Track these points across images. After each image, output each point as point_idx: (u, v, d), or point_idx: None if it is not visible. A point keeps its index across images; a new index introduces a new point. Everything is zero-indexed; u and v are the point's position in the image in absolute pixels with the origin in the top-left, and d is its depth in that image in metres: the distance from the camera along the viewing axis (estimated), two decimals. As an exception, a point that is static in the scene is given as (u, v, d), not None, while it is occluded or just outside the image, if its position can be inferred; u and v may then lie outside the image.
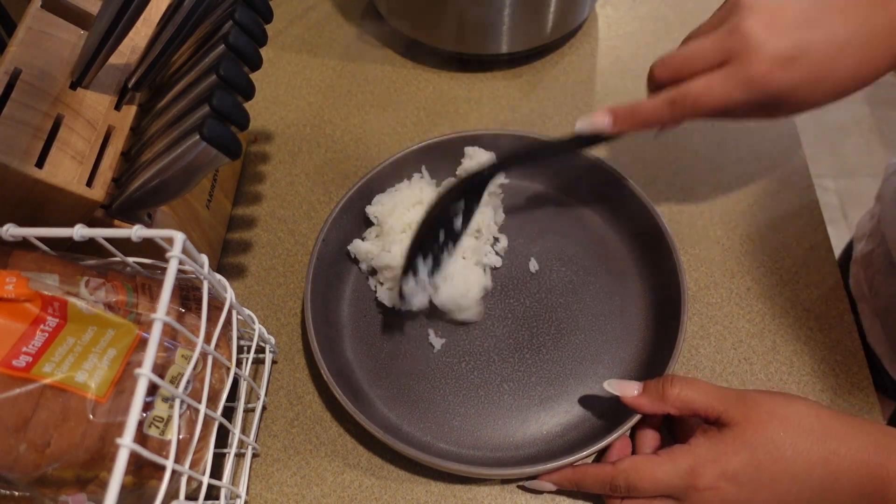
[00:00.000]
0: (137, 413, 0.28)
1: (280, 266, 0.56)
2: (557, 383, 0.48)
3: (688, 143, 0.61)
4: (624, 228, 0.54)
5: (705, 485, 0.38)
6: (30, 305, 0.33)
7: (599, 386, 0.47)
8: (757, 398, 0.39)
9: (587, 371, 0.49)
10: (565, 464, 0.42)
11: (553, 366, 0.49)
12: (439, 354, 0.50)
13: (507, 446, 0.46)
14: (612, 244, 0.54)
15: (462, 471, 0.43)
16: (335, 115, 0.65)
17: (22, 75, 0.39)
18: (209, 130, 0.37)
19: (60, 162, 0.38)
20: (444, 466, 0.43)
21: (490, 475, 0.44)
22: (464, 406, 0.48)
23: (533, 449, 0.46)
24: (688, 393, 0.40)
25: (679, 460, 0.39)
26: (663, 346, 0.47)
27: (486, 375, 0.49)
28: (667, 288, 0.49)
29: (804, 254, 0.54)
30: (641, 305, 0.51)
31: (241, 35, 0.41)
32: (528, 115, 0.64)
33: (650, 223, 0.51)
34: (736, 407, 0.39)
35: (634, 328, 0.50)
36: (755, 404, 0.39)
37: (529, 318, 0.51)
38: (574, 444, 0.45)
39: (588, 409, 0.47)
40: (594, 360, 0.49)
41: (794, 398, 0.39)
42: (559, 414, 0.47)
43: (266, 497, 0.45)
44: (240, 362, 0.49)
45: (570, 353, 0.49)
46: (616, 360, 0.49)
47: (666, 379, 0.41)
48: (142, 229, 0.33)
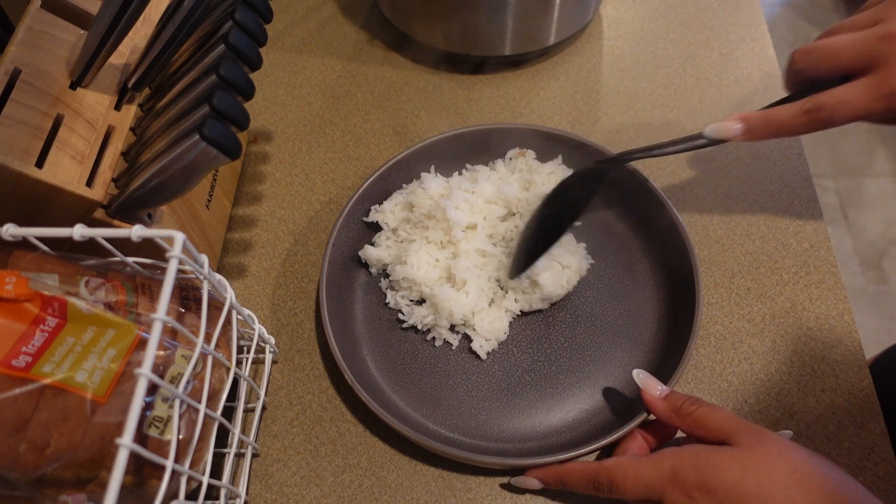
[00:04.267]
0: (137, 413, 0.28)
1: (280, 266, 0.56)
2: (578, 370, 0.49)
3: (688, 143, 0.61)
4: (638, 222, 0.55)
5: (681, 490, 0.36)
6: (29, 305, 0.32)
7: (620, 369, 0.48)
8: (776, 438, 0.36)
9: (607, 356, 0.49)
10: (598, 447, 0.42)
11: (573, 353, 0.49)
12: (458, 350, 0.50)
13: (535, 436, 0.46)
14: (624, 236, 0.55)
15: (497, 463, 0.43)
16: (335, 115, 0.65)
17: (22, 75, 0.38)
18: (209, 130, 0.37)
19: (60, 162, 0.38)
20: (480, 461, 0.43)
21: (523, 465, 0.44)
22: (488, 400, 0.48)
23: (561, 437, 0.46)
24: (703, 412, 0.39)
25: (664, 461, 0.37)
26: (679, 325, 0.48)
27: (507, 367, 0.49)
28: (679, 277, 0.50)
29: (804, 254, 0.54)
30: (656, 290, 0.52)
31: (241, 35, 0.41)
32: (529, 116, 0.64)
33: (664, 217, 0.51)
34: (748, 435, 0.36)
35: (649, 311, 0.51)
36: (769, 441, 0.36)
37: (546, 309, 0.51)
38: (602, 427, 0.45)
39: (612, 393, 0.48)
40: (613, 343, 0.50)
41: (819, 457, 0.36)
42: (583, 400, 0.48)
43: (266, 497, 0.45)
44: (240, 362, 0.49)
45: (588, 341, 0.50)
46: (635, 343, 0.50)
47: (691, 399, 0.40)
48: (142, 229, 0.33)
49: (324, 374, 0.50)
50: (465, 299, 0.49)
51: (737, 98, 0.64)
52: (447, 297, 0.49)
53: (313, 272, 0.55)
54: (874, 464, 0.45)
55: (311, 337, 0.52)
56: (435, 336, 0.50)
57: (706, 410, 0.39)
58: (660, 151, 0.49)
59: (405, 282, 0.51)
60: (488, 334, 0.49)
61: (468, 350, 0.50)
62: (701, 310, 0.47)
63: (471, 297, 0.49)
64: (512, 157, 0.57)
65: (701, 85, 0.65)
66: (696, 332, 0.46)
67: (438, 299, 0.49)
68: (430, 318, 0.50)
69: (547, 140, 0.56)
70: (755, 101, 0.64)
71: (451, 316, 0.49)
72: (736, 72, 0.66)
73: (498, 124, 0.57)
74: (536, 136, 0.57)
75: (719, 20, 0.70)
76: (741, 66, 0.66)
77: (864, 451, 0.45)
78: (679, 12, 0.71)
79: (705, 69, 0.66)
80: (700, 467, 0.36)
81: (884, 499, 0.43)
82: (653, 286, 0.52)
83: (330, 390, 0.50)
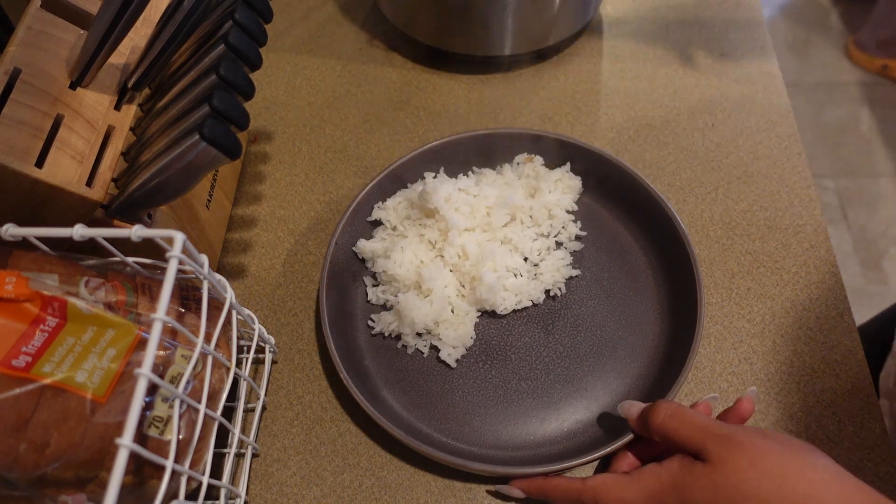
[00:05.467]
0: (137, 413, 0.28)
1: (280, 266, 0.56)
2: (576, 380, 0.48)
3: (688, 143, 0.61)
4: (637, 226, 0.54)
5: None
6: (29, 305, 0.32)
7: (618, 381, 0.48)
8: (745, 441, 0.35)
9: (605, 366, 0.49)
10: (591, 459, 0.42)
11: (571, 362, 0.49)
12: None
13: (529, 444, 0.46)
14: (626, 242, 0.54)
15: (488, 471, 0.43)
16: (335, 115, 0.65)
17: (22, 75, 0.38)
18: (209, 130, 0.37)
19: (60, 162, 0.38)
20: (471, 468, 0.43)
21: (515, 474, 0.44)
22: (483, 406, 0.48)
23: (555, 447, 0.46)
24: (670, 422, 0.38)
25: (647, 483, 0.38)
26: (680, 339, 0.47)
27: (504, 374, 0.49)
28: (681, 282, 0.49)
29: (804, 254, 0.54)
30: (656, 300, 0.51)
31: (241, 35, 0.41)
32: (529, 116, 0.64)
33: (665, 224, 0.51)
34: (717, 445, 0.36)
35: (649, 323, 0.50)
36: (738, 448, 0.35)
37: (544, 316, 0.51)
38: (597, 440, 0.45)
39: (609, 405, 0.47)
40: (612, 354, 0.49)
41: (793, 449, 0.35)
42: (579, 411, 0.47)
43: (266, 497, 0.45)
44: (240, 362, 0.49)
45: (586, 350, 0.49)
46: (633, 355, 0.49)
47: (652, 406, 0.40)
48: (142, 229, 0.33)
49: (323, 375, 0.50)
50: (428, 308, 0.49)
51: (737, 98, 0.64)
52: (411, 306, 0.48)
53: (313, 272, 0.55)
54: (874, 464, 0.45)
55: (311, 337, 0.52)
56: (405, 344, 0.50)
57: (671, 421, 0.38)
58: None
59: (385, 276, 0.51)
60: (455, 342, 0.49)
61: (473, 356, 0.50)
62: (703, 314, 0.47)
63: (434, 306, 0.49)
64: (520, 161, 0.57)
65: (701, 85, 0.65)
66: (698, 337, 0.45)
67: (402, 307, 0.49)
68: (394, 325, 0.50)
69: (556, 146, 0.56)
70: (755, 101, 0.64)
71: (414, 324, 0.48)
72: (736, 72, 0.66)
73: (507, 129, 0.57)
74: (545, 142, 0.56)
75: (719, 20, 0.70)
76: (741, 66, 0.66)
77: (864, 451, 0.45)
78: (679, 12, 0.71)
79: (705, 69, 0.66)
80: (678, 489, 0.36)
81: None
82: (653, 290, 0.52)
83: (330, 390, 0.50)
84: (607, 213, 0.56)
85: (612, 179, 0.55)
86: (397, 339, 0.50)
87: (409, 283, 0.50)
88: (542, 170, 0.56)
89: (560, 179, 0.55)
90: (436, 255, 0.52)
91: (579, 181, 0.56)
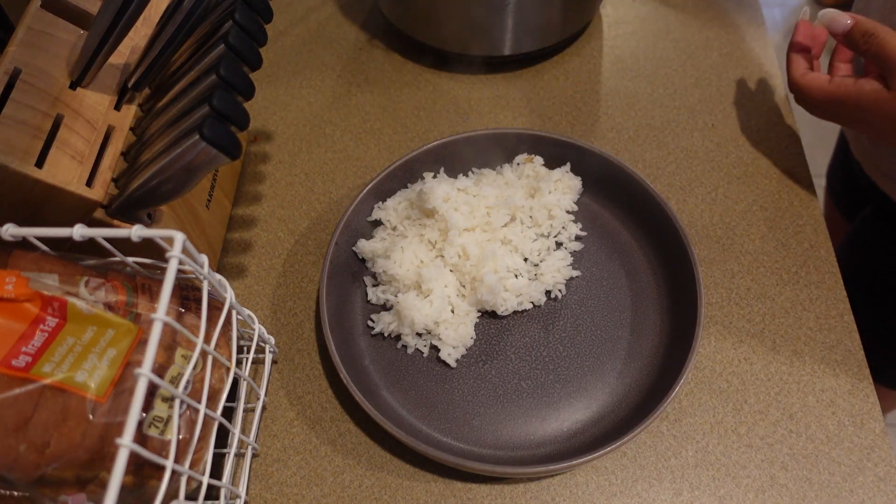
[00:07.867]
0: (137, 413, 0.28)
1: (280, 266, 0.56)
2: (576, 380, 0.48)
3: (688, 142, 0.61)
4: (637, 226, 0.54)
5: None
6: (29, 305, 0.32)
7: (618, 381, 0.48)
8: None
9: (605, 366, 0.49)
10: (591, 459, 0.42)
11: (571, 362, 0.49)
12: None
13: (529, 444, 0.46)
14: (626, 242, 0.54)
15: (487, 471, 0.43)
16: (335, 115, 0.65)
17: (22, 75, 0.38)
18: (209, 130, 0.37)
19: (60, 162, 0.38)
20: (470, 467, 0.43)
21: (515, 474, 0.44)
22: (483, 406, 0.48)
23: (555, 447, 0.46)
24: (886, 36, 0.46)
25: (840, 85, 0.49)
26: (680, 339, 0.47)
27: (505, 375, 0.49)
28: (680, 282, 0.49)
29: (804, 254, 0.54)
30: (656, 300, 0.51)
31: (241, 35, 0.41)
32: (529, 116, 0.64)
33: (665, 224, 0.51)
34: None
35: (649, 323, 0.50)
36: None
37: (544, 316, 0.51)
38: (597, 440, 0.45)
39: (609, 405, 0.47)
40: (612, 354, 0.49)
41: None
42: (579, 411, 0.47)
43: (266, 497, 0.45)
44: (240, 362, 0.49)
45: (586, 350, 0.49)
46: (633, 355, 0.49)
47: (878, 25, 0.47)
48: (141, 229, 0.33)
49: (323, 375, 0.50)
50: (428, 308, 0.49)
51: (737, 98, 0.64)
52: (410, 306, 0.48)
53: (313, 272, 0.55)
54: (874, 464, 0.45)
55: (311, 337, 0.52)
56: (405, 344, 0.50)
57: (888, 35, 0.46)
58: None
59: (385, 276, 0.51)
60: (455, 342, 0.49)
61: (473, 355, 0.50)
62: (703, 314, 0.47)
63: (434, 306, 0.49)
64: (520, 162, 0.57)
65: (701, 85, 0.65)
66: (698, 337, 0.45)
67: (402, 307, 0.49)
68: (394, 325, 0.50)
69: (556, 147, 0.56)
70: (755, 101, 0.64)
71: (414, 324, 0.48)
72: (736, 72, 0.66)
73: (507, 129, 0.57)
74: (545, 142, 0.56)
75: (719, 20, 0.70)
76: (741, 66, 0.66)
77: (864, 451, 0.45)
78: (679, 12, 0.71)
79: (705, 69, 0.66)
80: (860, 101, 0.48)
81: (884, 499, 0.43)
82: (653, 290, 0.52)
83: (330, 390, 0.50)
84: (607, 213, 0.56)
85: (612, 179, 0.55)
86: (397, 339, 0.50)
87: (409, 283, 0.50)
88: (542, 170, 0.56)
89: (560, 179, 0.55)
90: (436, 256, 0.52)
91: (579, 181, 0.56)
